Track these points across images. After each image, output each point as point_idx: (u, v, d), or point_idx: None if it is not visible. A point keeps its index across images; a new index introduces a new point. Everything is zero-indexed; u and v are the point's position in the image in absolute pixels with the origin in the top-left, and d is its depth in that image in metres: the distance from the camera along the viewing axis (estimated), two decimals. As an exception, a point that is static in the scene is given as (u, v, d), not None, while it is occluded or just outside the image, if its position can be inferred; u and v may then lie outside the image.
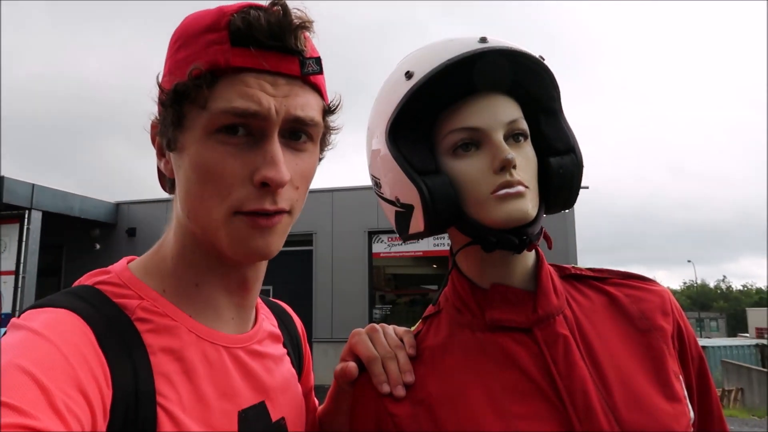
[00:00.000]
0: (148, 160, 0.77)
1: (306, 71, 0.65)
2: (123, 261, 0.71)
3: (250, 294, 0.74)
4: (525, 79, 0.79)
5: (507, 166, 0.73)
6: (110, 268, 0.68)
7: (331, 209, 12.39)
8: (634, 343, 0.78)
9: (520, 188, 0.74)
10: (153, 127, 0.69)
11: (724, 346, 21.95)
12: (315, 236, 12.63)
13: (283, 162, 0.63)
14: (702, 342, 23.95)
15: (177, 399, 0.60)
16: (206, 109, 0.62)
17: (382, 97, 0.82)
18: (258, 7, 0.63)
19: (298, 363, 0.87)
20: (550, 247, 0.84)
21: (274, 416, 0.71)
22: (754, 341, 24.89)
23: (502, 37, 0.78)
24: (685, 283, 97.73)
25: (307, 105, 0.66)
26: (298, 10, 0.64)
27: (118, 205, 12.20)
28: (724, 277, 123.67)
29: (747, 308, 53.42)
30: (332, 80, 0.74)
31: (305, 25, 0.65)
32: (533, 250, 0.83)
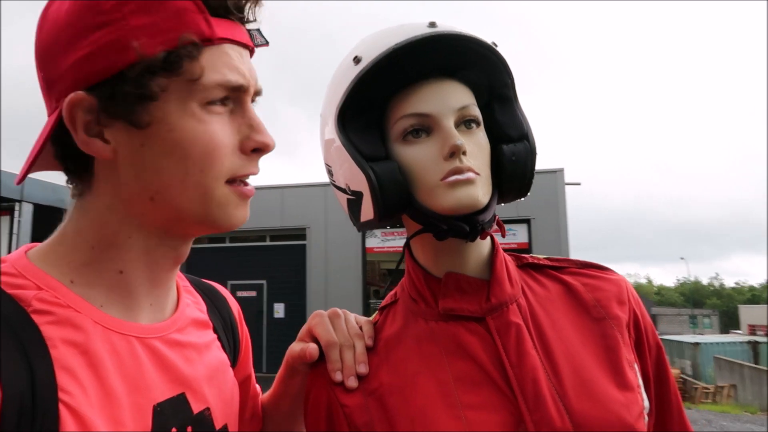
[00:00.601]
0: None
1: (257, 42, 0.66)
2: (21, 249, 0.65)
3: (173, 273, 0.72)
4: (476, 65, 0.78)
5: (456, 152, 0.72)
6: (6, 256, 0.63)
7: (324, 204, 12.37)
8: (588, 332, 0.78)
9: (470, 175, 0.73)
10: (73, 103, 0.59)
11: (717, 343, 22.09)
12: (308, 231, 12.61)
13: None
14: (695, 338, 24.09)
15: (82, 395, 0.55)
16: (197, 82, 0.60)
17: (332, 83, 0.81)
18: None
19: (233, 349, 0.84)
20: (503, 236, 0.83)
21: (196, 408, 0.68)
22: (747, 338, 25.05)
23: (455, 23, 0.77)
24: (678, 280, 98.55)
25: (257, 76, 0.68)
26: None
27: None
28: (717, 274, 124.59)
29: (740, 305, 53.80)
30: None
31: None
32: (488, 239, 0.81)
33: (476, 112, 0.78)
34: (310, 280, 12.19)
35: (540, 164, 0.81)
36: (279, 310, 12.60)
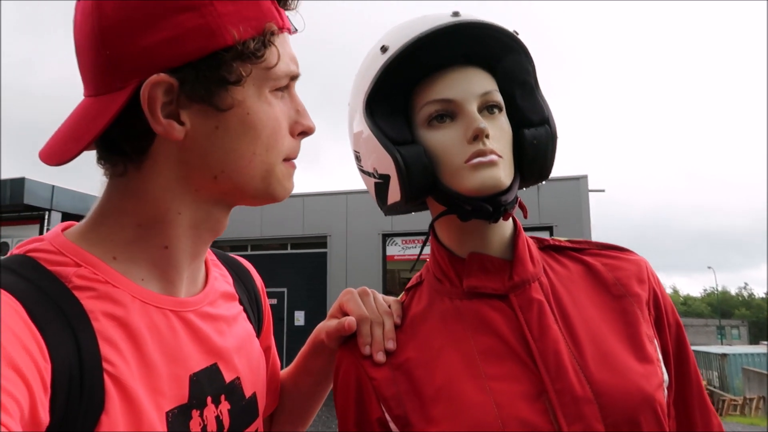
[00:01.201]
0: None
1: (293, 29, 0.70)
2: (58, 227, 0.66)
3: (209, 245, 0.74)
4: (499, 53, 0.81)
5: (480, 135, 0.75)
6: (44, 235, 0.64)
7: (346, 211, 12.42)
8: (609, 308, 0.80)
9: (493, 157, 0.75)
10: (155, 84, 0.59)
11: (746, 354, 21.57)
12: (329, 238, 12.66)
13: None
14: (723, 349, 23.55)
15: (124, 365, 0.58)
16: (273, 69, 0.64)
17: (360, 72, 0.85)
18: None
19: (257, 320, 0.88)
20: (525, 217, 0.86)
21: (228, 377, 0.71)
22: (776, 349, 24.38)
23: (477, 13, 0.80)
24: (705, 290, 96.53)
25: None
26: None
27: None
28: (746, 284, 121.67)
29: (769, 316, 52.41)
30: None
31: None
32: (510, 220, 0.84)
33: (498, 97, 0.80)
34: (331, 288, 12.22)
35: (563, 171, 0.83)
36: (299, 318, 12.65)
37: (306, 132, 0.71)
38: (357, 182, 0.90)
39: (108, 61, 0.60)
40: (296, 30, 0.70)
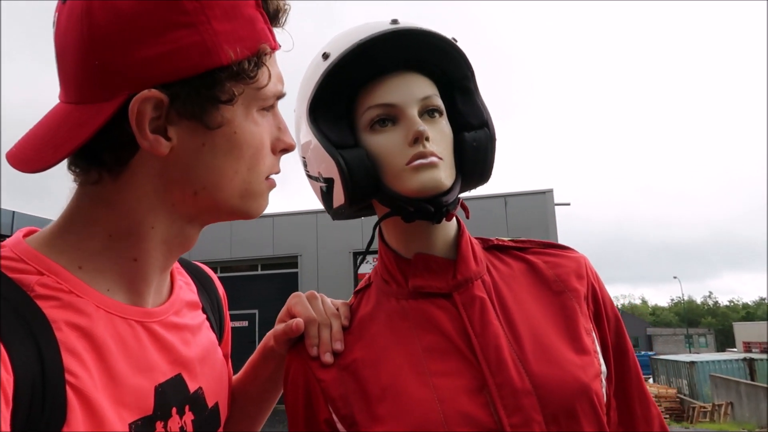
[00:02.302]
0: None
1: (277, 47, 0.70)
2: (18, 233, 0.64)
3: (179, 256, 0.73)
4: (437, 59, 0.83)
5: (420, 138, 0.77)
6: (5, 242, 0.62)
7: (316, 230, 12.38)
8: (548, 304, 0.83)
9: (434, 159, 0.78)
10: (145, 99, 0.58)
11: (713, 361, 21.98)
12: (300, 258, 12.58)
13: None
14: (691, 357, 23.98)
15: (87, 376, 0.56)
16: (261, 89, 0.65)
17: (304, 79, 0.87)
18: None
19: (219, 328, 0.88)
20: (467, 217, 0.88)
21: (192, 387, 0.71)
22: (742, 355, 24.98)
23: (416, 20, 0.83)
24: (672, 300, 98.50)
25: None
26: None
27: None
28: (711, 293, 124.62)
29: (734, 323, 53.76)
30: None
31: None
32: (454, 222, 0.87)
33: (438, 102, 0.83)
34: (303, 308, 12.10)
35: (529, 185, 0.86)
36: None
37: (287, 149, 0.72)
38: None
39: (96, 71, 0.58)
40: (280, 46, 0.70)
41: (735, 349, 39.13)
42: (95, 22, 0.57)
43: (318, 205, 0.92)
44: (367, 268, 12.28)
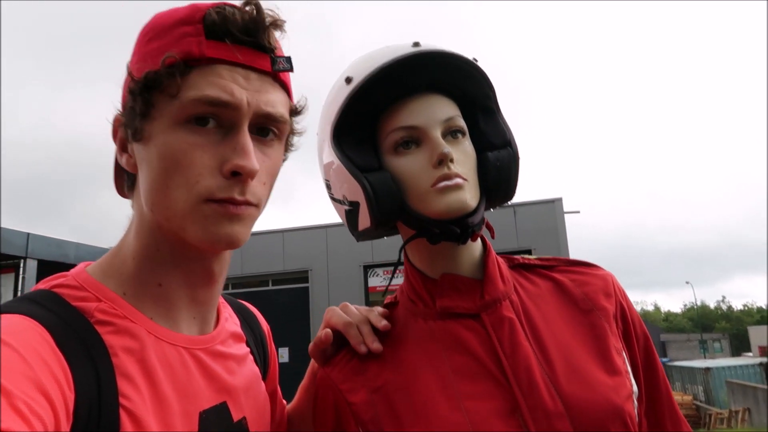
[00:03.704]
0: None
1: (277, 68, 0.67)
2: (81, 265, 0.69)
3: (213, 289, 0.74)
4: (459, 80, 0.84)
5: (444, 159, 0.78)
6: (68, 272, 0.67)
7: (326, 245, 12.39)
8: (577, 323, 0.83)
9: (459, 180, 0.78)
10: (116, 120, 0.69)
11: (729, 367, 21.72)
12: (310, 273, 12.59)
13: (254, 153, 0.64)
14: (706, 363, 23.69)
15: (140, 399, 0.59)
16: (177, 98, 0.62)
17: (326, 103, 0.87)
18: (232, 6, 0.65)
19: (263, 362, 0.89)
20: (492, 237, 0.89)
21: (236, 416, 0.71)
22: (758, 360, 24.66)
23: (437, 42, 0.85)
24: (685, 305, 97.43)
25: (277, 102, 0.68)
26: (271, 10, 0.66)
27: (112, 251, 12.14)
28: (724, 297, 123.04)
29: (749, 327, 53.06)
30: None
31: (278, 24, 0.67)
32: (480, 241, 0.87)
33: (461, 123, 0.84)
34: (314, 323, 12.09)
35: (538, 194, 0.88)
36: (283, 354, 12.46)
37: (238, 171, 0.63)
38: (335, 215, 0.93)
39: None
40: (274, 67, 0.67)
41: (750, 354, 38.60)
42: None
43: (327, 219, 0.95)
44: (376, 281, 12.29)
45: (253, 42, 0.65)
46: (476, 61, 0.84)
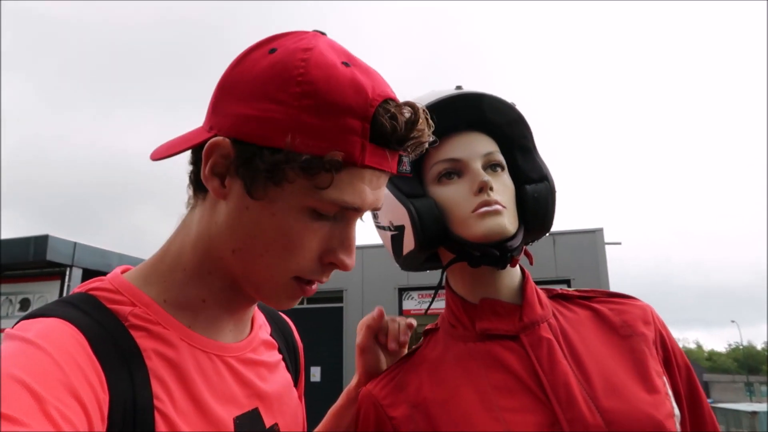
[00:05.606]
0: (175, 220, 0.75)
1: (401, 170, 0.67)
2: (117, 269, 0.70)
3: (250, 309, 0.78)
4: (498, 120, 0.91)
5: (484, 187, 0.83)
6: (105, 276, 0.68)
7: (362, 266, 12.42)
8: (617, 346, 0.84)
9: (498, 207, 0.83)
10: (216, 145, 0.63)
11: (777, 412, 20.64)
12: (345, 293, 12.62)
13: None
14: (753, 407, 22.60)
15: (173, 404, 0.60)
16: (319, 189, 0.61)
17: None
18: (396, 104, 0.64)
19: (295, 369, 0.89)
20: (531, 263, 0.92)
21: (268, 422, 0.72)
22: (809, 406, 23.35)
23: (477, 86, 0.91)
24: (729, 345, 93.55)
25: (384, 194, 0.70)
26: (424, 111, 0.66)
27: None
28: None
29: (799, 371, 50.43)
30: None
31: (427, 124, 0.67)
32: (518, 270, 0.90)
33: (500, 157, 0.89)
34: (347, 343, 12.09)
35: (578, 224, 0.88)
36: (315, 373, 12.47)
37: (336, 265, 0.67)
38: (372, 237, 0.97)
39: (212, 104, 0.67)
40: (399, 169, 0.67)
41: (801, 400, 36.63)
42: (234, 69, 0.66)
43: (363, 240, 0.96)
44: (411, 304, 12.22)
45: (399, 149, 0.66)
46: (514, 105, 0.90)
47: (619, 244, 13.37)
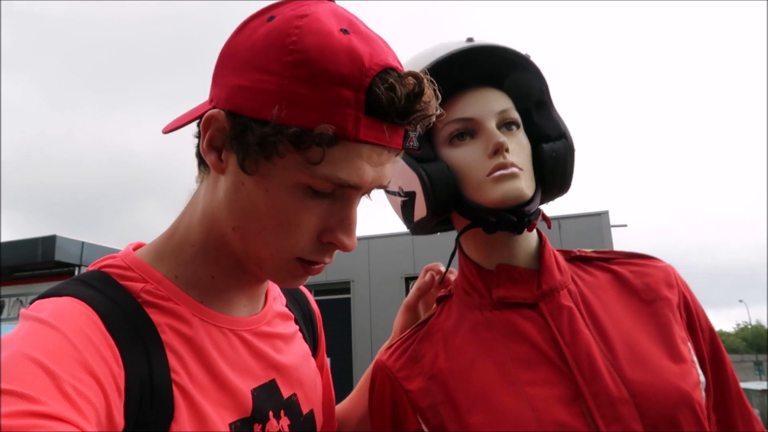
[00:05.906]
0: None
1: (407, 146, 0.62)
2: (129, 246, 0.70)
3: (262, 284, 0.76)
4: (512, 74, 0.85)
5: (500, 149, 0.78)
6: (117, 254, 0.68)
7: (368, 257, 12.43)
8: (639, 312, 0.80)
9: (514, 169, 0.78)
10: (212, 117, 0.61)
11: (787, 390, 20.62)
12: (352, 284, 12.64)
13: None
14: (763, 385, 22.55)
15: (191, 377, 0.60)
16: (311, 165, 0.58)
17: None
18: (397, 73, 0.59)
19: (313, 340, 0.88)
20: (549, 227, 0.88)
21: (285, 393, 0.72)
22: (819, 383, 23.33)
23: (488, 38, 0.86)
24: (738, 324, 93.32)
25: (390, 173, 0.65)
26: (432, 81, 0.62)
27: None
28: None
29: (809, 349, 50.30)
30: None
31: (434, 96, 0.63)
32: (535, 233, 0.86)
33: (515, 115, 0.84)
34: (355, 333, 12.13)
35: (583, 208, 0.86)
36: (325, 365, 12.53)
37: (335, 245, 0.64)
38: (378, 227, 0.94)
39: (213, 77, 0.65)
40: (406, 145, 0.62)
41: (811, 377, 36.56)
42: (233, 39, 0.64)
43: (369, 230, 0.94)
44: (418, 293, 12.23)
45: (403, 123, 0.61)
46: (529, 56, 0.85)
47: (625, 226, 13.34)
